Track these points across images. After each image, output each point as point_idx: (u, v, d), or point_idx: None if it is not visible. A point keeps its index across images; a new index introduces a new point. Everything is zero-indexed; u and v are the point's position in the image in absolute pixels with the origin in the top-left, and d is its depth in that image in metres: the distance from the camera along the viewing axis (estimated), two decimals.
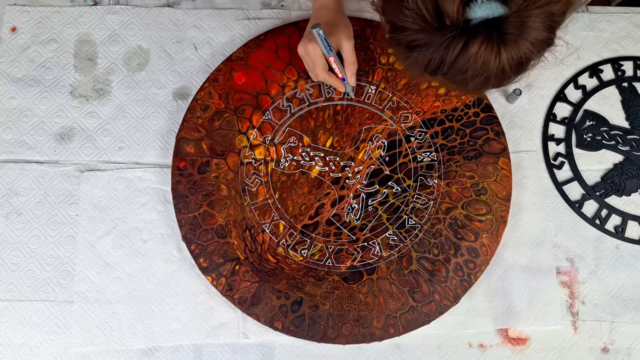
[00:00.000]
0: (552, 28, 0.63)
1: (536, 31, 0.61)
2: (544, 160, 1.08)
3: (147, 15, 1.11)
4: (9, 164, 1.04)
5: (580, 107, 1.11)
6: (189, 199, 1.00)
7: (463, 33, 0.60)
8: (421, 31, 0.62)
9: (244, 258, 0.98)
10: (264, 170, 1.02)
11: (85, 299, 0.99)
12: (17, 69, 1.08)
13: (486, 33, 0.60)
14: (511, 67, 0.63)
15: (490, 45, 0.60)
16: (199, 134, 1.03)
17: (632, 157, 1.08)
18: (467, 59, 0.61)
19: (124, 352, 0.97)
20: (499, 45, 0.60)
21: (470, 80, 0.64)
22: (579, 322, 1.01)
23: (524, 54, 0.62)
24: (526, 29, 0.61)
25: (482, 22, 0.60)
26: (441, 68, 0.64)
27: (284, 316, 0.96)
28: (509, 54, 0.61)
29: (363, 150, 1.04)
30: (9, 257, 1.00)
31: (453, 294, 0.98)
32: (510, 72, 0.63)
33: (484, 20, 0.60)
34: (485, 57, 0.61)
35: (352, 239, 1.00)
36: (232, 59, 1.07)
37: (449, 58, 0.62)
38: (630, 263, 1.04)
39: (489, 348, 1.00)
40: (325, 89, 1.06)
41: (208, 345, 0.98)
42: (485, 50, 0.60)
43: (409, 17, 0.62)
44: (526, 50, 0.62)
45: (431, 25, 0.61)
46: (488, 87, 0.67)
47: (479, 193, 1.03)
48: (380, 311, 0.97)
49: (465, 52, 0.61)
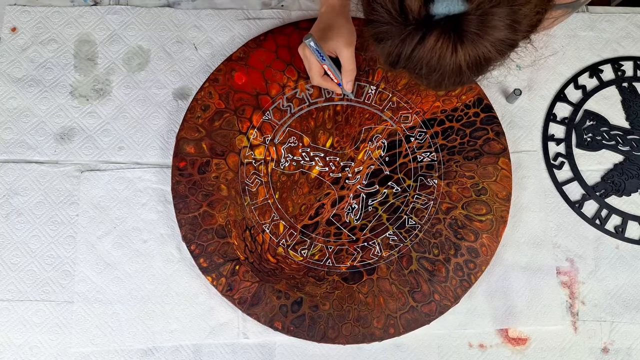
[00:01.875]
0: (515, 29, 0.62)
1: (497, 31, 0.60)
2: (544, 161, 1.08)
3: (147, 15, 1.11)
4: (9, 164, 1.04)
5: (581, 107, 1.11)
6: (189, 199, 1.00)
7: (421, 27, 0.60)
8: (386, 24, 0.63)
9: (244, 258, 0.98)
10: (264, 170, 1.02)
11: (86, 299, 0.99)
12: (17, 69, 1.08)
13: (443, 28, 0.60)
14: (468, 66, 0.62)
15: (447, 41, 0.60)
16: (199, 134, 1.03)
17: (632, 157, 1.08)
18: (423, 54, 0.61)
19: (124, 352, 0.97)
20: (456, 42, 0.60)
21: (425, 75, 0.64)
22: (579, 322, 1.01)
23: (483, 54, 0.62)
24: (486, 27, 0.60)
25: (443, 18, 0.59)
26: (400, 62, 0.64)
27: (284, 316, 0.96)
28: (466, 52, 0.61)
29: (363, 151, 1.04)
30: (9, 257, 1.00)
31: (453, 294, 0.98)
32: (468, 71, 0.63)
33: (446, 16, 0.59)
34: (441, 52, 0.61)
35: (352, 239, 1.00)
36: (232, 59, 1.07)
37: (405, 51, 0.62)
38: (630, 263, 1.04)
39: (489, 348, 1.00)
40: (325, 90, 1.06)
41: (208, 345, 0.98)
42: (440, 46, 0.60)
43: (377, 10, 0.63)
44: (485, 50, 0.61)
45: (395, 20, 0.61)
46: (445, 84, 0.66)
47: (479, 193, 1.03)
48: (380, 311, 0.97)
49: (421, 46, 0.61)
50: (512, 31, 0.61)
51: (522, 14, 0.61)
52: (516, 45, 0.64)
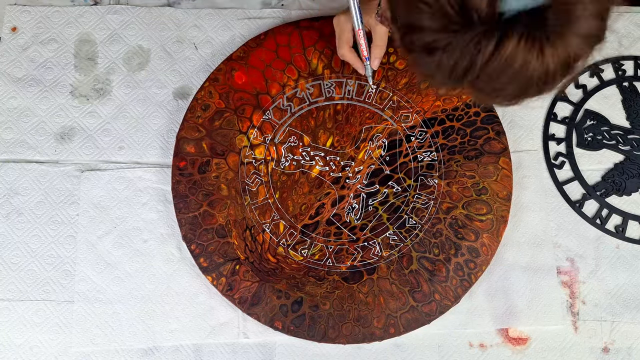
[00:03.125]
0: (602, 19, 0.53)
1: (586, 22, 0.51)
2: (544, 160, 1.08)
3: (148, 15, 1.11)
4: (9, 163, 1.04)
5: (581, 107, 1.10)
6: (189, 198, 1.00)
7: (495, 29, 0.51)
8: (442, 30, 0.52)
9: (244, 258, 0.98)
10: (264, 169, 1.02)
11: (86, 298, 0.99)
12: (17, 68, 1.08)
13: (525, 27, 0.50)
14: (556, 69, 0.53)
15: (531, 42, 0.51)
16: (200, 133, 1.03)
17: (633, 157, 1.08)
18: (502, 60, 0.51)
19: (124, 352, 0.97)
20: (542, 41, 0.51)
21: (505, 86, 0.55)
22: (580, 322, 1.01)
23: (573, 52, 0.52)
24: (573, 19, 0.51)
25: (519, 14, 0.51)
26: (470, 73, 0.54)
27: (284, 316, 0.96)
28: (554, 52, 0.52)
29: (363, 150, 1.04)
30: (9, 257, 1.00)
31: (453, 293, 0.98)
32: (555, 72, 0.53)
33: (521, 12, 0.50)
34: (525, 56, 0.51)
35: (353, 238, 1.00)
36: (232, 59, 1.07)
37: (480, 60, 0.52)
38: (630, 263, 1.04)
39: (489, 348, 1.00)
40: (325, 89, 1.06)
41: (208, 345, 0.98)
42: (524, 49, 0.51)
43: (427, 13, 0.52)
44: (575, 46, 0.52)
45: (455, 22, 0.51)
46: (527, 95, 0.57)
47: (480, 193, 1.02)
48: (380, 311, 0.97)
49: (499, 51, 0.51)
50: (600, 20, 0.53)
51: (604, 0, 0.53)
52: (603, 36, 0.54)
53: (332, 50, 1.07)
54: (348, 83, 1.06)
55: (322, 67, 1.07)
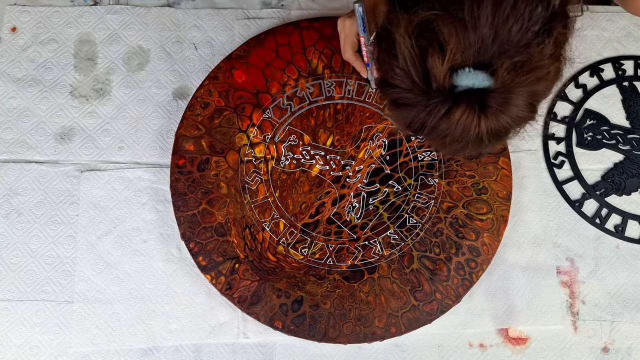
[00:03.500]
0: (533, 107, 0.65)
1: (518, 109, 0.62)
2: (544, 160, 1.08)
3: (147, 15, 1.11)
4: (9, 164, 1.04)
5: (581, 106, 1.11)
6: (188, 196, 1.00)
7: (447, 99, 0.61)
8: (408, 91, 0.63)
9: (244, 256, 0.98)
10: (264, 168, 1.02)
11: (86, 298, 0.99)
12: (17, 69, 1.08)
13: (469, 103, 0.61)
14: (489, 138, 0.64)
15: (472, 115, 0.61)
16: (199, 131, 1.03)
17: (633, 157, 1.08)
18: (448, 125, 0.62)
19: (124, 352, 0.97)
20: (480, 116, 0.62)
21: (448, 144, 0.66)
22: (579, 321, 1.01)
23: (503, 127, 0.64)
24: (508, 105, 0.62)
25: (467, 90, 0.61)
26: (423, 130, 0.65)
27: (284, 315, 0.96)
28: (488, 125, 0.62)
29: (364, 149, 1.04)
30: (9, 257, 1.00)
31: (454, 292, 0.98)
32: (488, 141, 0.64)
33: (469, 89, 0.61)
34: (465, 125, 0.62)
35: (353, 237, 1.00)
36: (232, 57, 1.07)
37: (431, 122, 0.63)
38: (630, 262, 1.04)
39: (489, 348, 1.00)
40: (325, 88, 1.06)
41: (208, 345, 0.98)
42: (466, 120, 0.62)
43: (399, 75, 0.63)
44: (505, 124, 0.63)
45: (418, 87, 0.62)
46: (465, 152, 0.68)
47: (480, 192, 1.03)
48: (381, 310, 0.97)
49: (447, 118, 0.62)
50: (530, 109, 0.64)
51: (539, 93, 0.65)
52: (533, 119, 0.67)
53: (332, 50, 1.07)
54: (348, 83, 1.06)
55: (322, 66, 1.07)
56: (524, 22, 0.60)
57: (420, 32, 0.61)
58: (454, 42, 0.59)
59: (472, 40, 0.59)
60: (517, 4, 0.59)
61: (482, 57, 0.60)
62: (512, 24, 0.59)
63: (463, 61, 0.60)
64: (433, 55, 0.60)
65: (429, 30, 0.61)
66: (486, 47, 0.60)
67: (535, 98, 0.64)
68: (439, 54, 0.60)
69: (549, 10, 0.61)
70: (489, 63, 0.60)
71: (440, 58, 0.60)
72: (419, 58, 0.61)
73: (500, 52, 0.60)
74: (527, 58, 0.60)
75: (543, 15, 0.60)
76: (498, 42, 0.60)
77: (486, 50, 0.60)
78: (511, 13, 0.59)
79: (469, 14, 0.59)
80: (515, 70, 0.60)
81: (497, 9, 0.59)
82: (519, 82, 0.61)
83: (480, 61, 0.60)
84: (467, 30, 0.59)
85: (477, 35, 0.59)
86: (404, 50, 0.62)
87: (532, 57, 0.61)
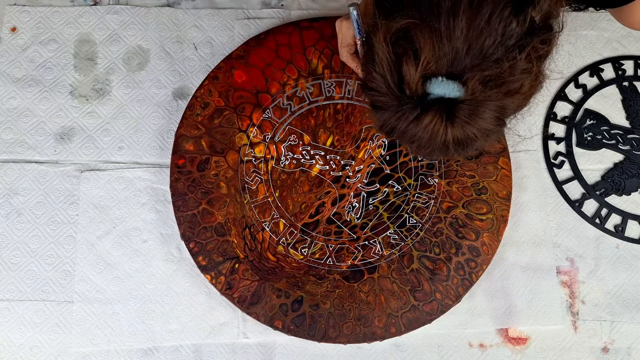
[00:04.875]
0: (502, 120, 0.66)
1: (485, 121, 0.64)
2: (544, 160, 1.08)
3: (147, 15, 1.11)
4: (9, 164, 1.04)
5: (581, 106, 1.11)
6: (188, 196, 1.00)
7: (417, 106, 0.63)
8: (384, 95, 0.65)
9: (244, 256, 0.98)
10: (264, 168, 1.02)
11: (86, 298, 0.99)
12: (17, 69, 1.08)
13: (438, 111, 0.62)
14: (455, 146, 0.66)
15: (439, 123, 0.63)
16: (199, 131, 1.03)
17: (632, 157, 1.08)
18: (416, 131, 0.64)
19: (124, 352, 0.97)
20: (447, 124, 0.63)
21: (416, 148, 0.68)
22: (579, 321, 1.01)
23: (469, 137, 0.65)
24: (475, 117, 0.63)
25: (438, 99, 0.62)
26: (393, 133, 0.67)
27: (284, 315, 0.96)
28: (454, 134, 0.64)
29: (364, 149, 1.04)
30: (9, 257, 1.00)
31: (454, 292, 0.98)
32: (453, 150, 0.66)
33: (440, 98, 0.62)
34: (433, 132, 0.64)
35: (353, 237, 1.00)
36: (232, 57, 1.07)
37: (401, 126, 0.65)
38: (630, 262, 1.04)
39: (489, 348, 1.00)
40: (325, 88, 1.06)
41: (208, 345, 0.98)
42: (433, 126, 0.63)
43: (376, 79, 0.65)
44: (472, 134, 0.65)
45: (392, 92, 0.64)
46: (432, 156, 0.71)
47: (480, 192, 1.03)
48: (381, 310, 0.97)
49: (415, 124, 0.64)
50: (498, 122, 0.65)
51: (509, 108, 0.65)
52: (500, 132, 0.68)
53: (332, 51, 1.07)
54: (348, 83, 1.06)
55: (322, 66, 1.07)
56: (497, 36, 0.61)
57: (398, 39, 0.63)
58: (428, 50, 0.61)
59: (446, 51, 0.61)
60: (491, 18, 0.60)
61: (454, 68, 0.62)
62: (485, 38, 0.61)
63: (436, 70, 0.62)
64: (408, 62, 0.62)
65: (406, 38, 0.62)
66: (459, 58, 0.61)
67: (504, 112, 0.65)
68: (414, 62, 0.62)
69: (525, 26, 0.62)
70: (461, 74, 0.62)
71: (414, 65, 0.61)
72: (394, 64, 0.63)
73: (473, 64, 0.61)
74: (499, 72, 0.62)
75: (517, 32, 0.61)
76: (471, 55, 0.61)
77: (459, 61, 0.61)
78: (485, 27, 0.61)
79: (445, 25, 0.61)
80: (486, 83, 0.62)
81: (472, 22, 0.60)
82: (488, 95, 0.62)
83: (452, 72, 0.62)
84: (442, 40, 0.61)
85: (451, 46, 0.61)
86: (381, 55, 0.64)
87: (503, 72, 0.62)
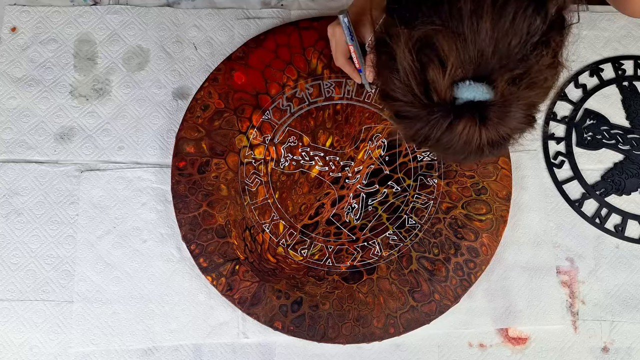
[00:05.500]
0: (532, 117, 0.66)
1: (516, 121, 0.64)
2: (544, 159, 1.08)
3: (147, 15, 1.11)
4: (9, 164, 1.04)
5: (581, 106, 1.10)
6: (189, 198, 1.00)
7: (449, 113, 0.62)
8: (410, 104, 0.64)
9: (244, 258, 0.98)
10: (264, 170, 1.02)
11: (85, 298, 0.99)
12: (17, 69, 1.08)
13: (470, 116, 0.62)
14: (490, 149, 0.66)
15: (473, 127, 0.62)
16: (199, 133, 1.03)
17: (633, 156, 1.08)
18: (451, 138, 0.64)
19: (124, 352, 0.97)
20: (481, 128, 0.63)
21: (451, 154, 0.67)
22: (579, 321, 1.01)
23: (502, 138, 0.65)
24: (507, 117, 0.63)
25: (467, 103, 0.62)
26: (427, 142, 0.66)
27: (284, 316, 0.96)
28: (489, 137, 0.64)
29: (363, 150, 1.04)
30: (9, 257, 1.00)
31: (453, 293, 0.98)
32: (488, 152, 0.66)
33: (470, 102, 0.62)
34: (468, 137, 0.63)
35: (352, 238, 1.00)
36: (231, 59, 1.07)
37: (435, 135, 0.64)
38: (630, 262, 1.04)
39: (489, 348, 1.00)
40: (325, 89, 1.06)
41: (208, 345, 0.98)
42: (468, 132, 0.63)
43: (400, 88, 0.64)
44: (505, 134, 0.65)
45: (419, 100, 0.63)
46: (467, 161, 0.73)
47: (479, 192, 1.02)
48: (380, 311, 0.97)
49: (449, 131, 0.63)
50: (528, 119, 0.65)
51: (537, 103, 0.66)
52: (532, 128, 0.67)
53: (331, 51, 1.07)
54: (347, 83, 1.06)
55: (322, 67, 1.07)
56: (522, 35, 0.61)
57: (421, 47, 0.62)
58: (454, 56, 0.60)
59: (472, 54, 0.61)
60: (515, 18, 0.60)
61: (482, 71, 0.61)
62: (512, 38, 0.60)
63: (463, 74, 0.61)
64: (434, 69, 0.61)
65: (429, 45, 0.62)
66: (486, 60, 0.61)
67: (533, 108, 0.66)
68: (440, 68, 0.61)
69: (546, 22, 0.62)
70: (489, 76, 0.61)
71: (441, 72, 0.61)
72: (419, 72, 0.62)
73: (500, 65, 0.61)
74: (526, 70, 0.62)
75: (541, 28, 0.61)
76: (497, 56, 0.61)
77: (486, 63, 0.61)
78: (510, 27, 0.60)
79: (469, 28, 0.60)
80: (515, 82, 0.61)
81: (497, 23, 0.60)
82: (518, 94, 0.62)
83: (480, 74, 0.61)
84: (466, 44, 0.60)
85: (477, 49, 0.60)
86: (405, 64, 0.63)
87: (531, 69, 0.62)
